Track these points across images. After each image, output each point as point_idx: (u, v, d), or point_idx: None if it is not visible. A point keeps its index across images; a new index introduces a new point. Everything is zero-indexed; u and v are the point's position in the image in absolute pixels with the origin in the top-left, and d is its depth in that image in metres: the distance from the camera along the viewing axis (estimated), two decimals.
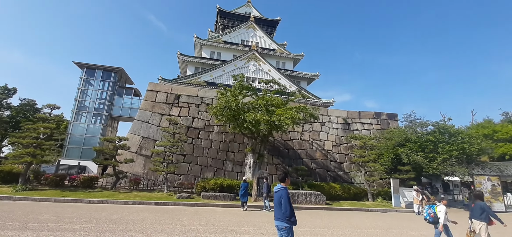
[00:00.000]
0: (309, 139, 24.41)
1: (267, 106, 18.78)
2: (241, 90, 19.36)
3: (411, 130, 22.01)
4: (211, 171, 21.09)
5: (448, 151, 18.72)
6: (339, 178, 22.83)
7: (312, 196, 16.21)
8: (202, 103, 24.20)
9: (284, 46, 45.80)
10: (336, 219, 12.25)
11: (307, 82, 43.41)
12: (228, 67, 37.79)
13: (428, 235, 9.62)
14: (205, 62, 39.65)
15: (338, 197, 18.42)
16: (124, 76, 37.05)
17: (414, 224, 12.11)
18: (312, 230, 9.11)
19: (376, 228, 10.62)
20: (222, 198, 15.59)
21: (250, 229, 8.57)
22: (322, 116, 25.83)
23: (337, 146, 24.76)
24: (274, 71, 38.55)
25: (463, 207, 19.93)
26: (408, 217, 14.81)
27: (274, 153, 22.82)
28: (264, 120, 17.03)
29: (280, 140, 23.55)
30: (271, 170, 21.92)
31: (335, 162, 23.86)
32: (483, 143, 21.20)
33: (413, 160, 19.26)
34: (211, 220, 9.92)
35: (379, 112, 27.34)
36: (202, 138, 22.42)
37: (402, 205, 18.00)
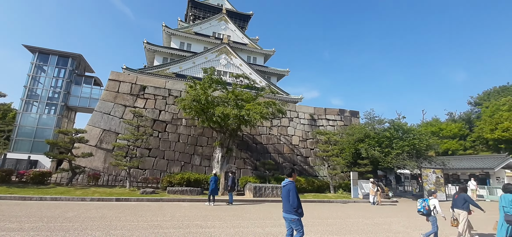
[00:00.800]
0: (277, 134, 25.02)
1: (236, 101, 18.82)
2: (211, 83, 19.12)
3: (370, 127, 23.68)
4: (178, 165, 20.64)
5: (401, 147, 20.52)
6: (305, 171, 23.84)
7: (278, 189, 16.74)
8: (170, 95, 23.43)
9: (255, 41, 45.96)
10: None
11: (277, 78, 44.23)
12: (199, 59, 36.96)
13: (380, 223, 10.51)
14: (174, 53, 38.27)
15: (303, 190, 19.24)
16: (83, 64, 34.32)
17: (369, 214, 13.15)
18: (277, 222, 9.46)
19: (336, 218, 11.36)
20: (188, 193, 15.41)
21: (216, 223, 8.65)
22: (290, 111, 26.59)
23: (304, 141, 25.75)
24: (245, 66, 38.60)
25: (412, 197, 22.13)
26: (365, 207, 16.01)
27: (242, 147, 23.02)
28: (233, 115, 17.08)
29: (249, 134, 23.80)
30: (240, 164, 22.12)
31: (301, 157, 24.82)
32: (431, 140, 23.64)
33: (371, 154, 20.79)
34: (176, 215, 9.80)
35: (343, 109, 28.93)
36: (170, 131, 21.78)
37: (360, 196, 19.42)
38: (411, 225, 10.34)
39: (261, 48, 44.09)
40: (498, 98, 44.36)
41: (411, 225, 10.45)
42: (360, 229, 9.08)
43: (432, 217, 7.87)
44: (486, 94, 50.32)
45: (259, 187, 16.37)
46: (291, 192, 5.21)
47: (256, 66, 41.29)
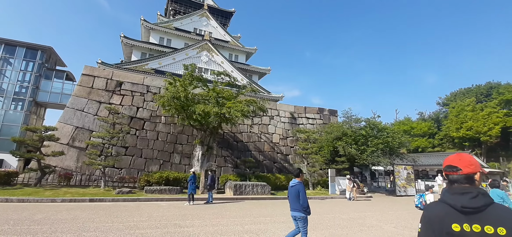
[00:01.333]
0: (258, 132, 25.20)
1: (217, 98, 18.71)
2: (191, 80, 18.84)
3: (347, 125, 24.54)
4: (157, 164, 20.16)
5: (376, 144, 21.49)
6: (285, 169, 24.25)
7: (259, 187, 16.93)
8: (149, 92, 22.77)
9: (237, 39, 45.76)
10: (279, 208, 13.06)
11: (259, 76, 44.38)
12: (179, 56, 36.14)
13: (355, 218, 10.95)
14: (153, 48, 37.14)
15: (282, 187, 19.58)
16: (53, 57, 32.36)
17: (345, 209, 13.64)
18: (256, 219, 9.59)
19: (314, 214, 11.61)
20: (167, 192, 15.13)
21: (195, 222, 8.60)
22: (271, 110, 26.86)
23: (284, 139, 26.15)
24: (226, 63, 38.33)
25: (385, 192, 23.30)
26: (341, 202, 16.61)
27: (223, 145, 22.94)
28: (214, 113, 16.96)
29: (229, 132, 23.75)
30: (220, 162, 22.04)
31: (281, 154, 25.21)
32: (403, 138, 24.98)
33: (348, 152, 21.58)
34: (154, 215, 9.61)
35: (322, 108, 29.70)
36: (148, 129, 21.19)
37: (337, 192, 20.12)
38: (384, 219, 10.86)
39: (243, 46, 44.00)
40: (463, 99, 47.73)
41: (384, 219, 10.99)
42: (336, 224, 9.41)
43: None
44: (453, 95, 53.90)
45: (239, 185, 16.44)
46: (301, 192, 5.55)
47: (238, 64, 41.15)
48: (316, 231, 8.09)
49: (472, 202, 1.55)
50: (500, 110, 41.20)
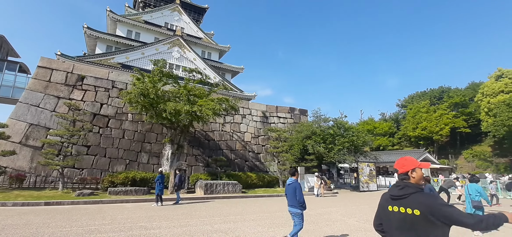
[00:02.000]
0: (230, 130, 25.15)
1: (189, 96, 18.32)
2: (161, 76, 18.20)
3: (317, 124, 25.50)
4: (123, 164, 19.19)
5: (342, 143, 22.64)
6: (256, 167, 24.54)
7: (230, 186, 16.95)
8: (114, 87, 21.54)
9: (210, 36, 45.06)
10: (250, 206, 13.23)
11: (232, 75, 44.19)
12: (148, 51, 34.62)
13: (322, 213, 11.51)
14: (120, 41, 35.13)
15: (254, 185, 19.83)
16: (5, 46, 29.16)
17: (313, 205, 14.14)
18: (227, 218, 9.63)
19: (283, 211, 11.99)
20: (133, 193, 14.51)
21: (162, 223, 8.39)
22: (244, 108, 26.97)
23: (256, 138, 26.43)
24: (199, 61, 37.59)
25: (350, 188, 24.68)
26: (309, 199, 17.13)
27: (194, 144, 22.54)
28: (185, 111, 16.59)
29: (201, 131, 23.40)
30: (191, 161, 21.63)
31: (253, 153, 25.45)
32: (366, 137, 26.57)
33: (317, 150, 22.46)
34: (118, 217, 9.19)
35: (293, 107, 30.51)
36: (113, 127, 20.06)
37: (306, 189, 20.87)
38: (347, 214, 11.56)
39: (216, 44, 43.45)
40: (419, 102, 52.22)
41: (347, 213, 11.69)
42: (304, 220, 9.80)
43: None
44: (410, 97, 58.66)
45: (210, 184, 16.31)
46: (297, 189, 5.99)
47: (210, 62, 40.55)
48: (284, 228, 8.28)
49: (398, 192, 2.28)
50: (450, 112, 45.78)
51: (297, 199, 5.94)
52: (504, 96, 36.59)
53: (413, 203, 2.14)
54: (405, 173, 2.34)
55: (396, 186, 2.36)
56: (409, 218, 2.14)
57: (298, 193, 5.95)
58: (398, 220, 2.22)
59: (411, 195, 2.19)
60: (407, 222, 2.16)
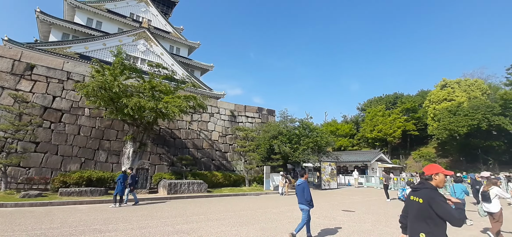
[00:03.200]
0: (197, 129, 24.72)
1: (154, 92, 17.61)
2: (123, 69, 17.20)
3: (283, 125, 26.24)
4: (77, 162, 17.77)
5: (307, 143, 23.60)
6: (223, 166, 24.47)
7: (195, 185, 16.69)
8: (70, 79, 19.83)
9: (180, 31, 43.72)
10: (215, 205, 13.18)
11: (201, 72, 43.42)
12: (111, 41, 32.45)
13: (285, 211, 11.88)
14: (79, 29, 32.43)
15: (220, 185, 19.76)
16: None
17: (277, 203, 14.60)
18: (189, 218, 9.49)
19: (248, 209, 12.19)
20: (89, 194, 13.55)
21: (119, 226, 8.00)
22: (212, 107, 26.69)
23: (223, 137, 26.34)
24: (167, 56, 36.24)
25: (312, 186, 25.82)
26: (274, 198, 17.72)
27: (159, 142, 21.72)
28: (149, 107, 15.91)
29: (167, 128, 22.64)
30: (154, 160, 20.82)
31: (220, 152, 25.33)
32: (330, 138, 28.04)
33: (283, 150, 23.10)
34: (69, 220, 8.54)
35: (261, 107, 30.97)
36: (67, 122, 18.46)
37: (271, 188, 21.39)
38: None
39: (185, 39, 42.27)
40: (376, 106, 56.54)
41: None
42: (267, 218, 10.05)
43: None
44: (369, 102, 63.21)
45: (175, 184, 15.90)
46: (305, 189, 6.81)
47: (179, 58, 39.34)
48: (248, 226, 8.43)
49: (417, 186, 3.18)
50: (402, 116, 50.29)
51: (305, 198, 6.71)
52: (447, 103, 41.30)
53: (422, 194, 2.97)
54: (429, 176, 3.11)
55: (419, 183, 3.23)
56: (418, 205, 2.96)
57: (306, 192, 6.76)
58: (413, 207, 3.05)
59: (424, 189, 3.01)
60: (417, 209, 2.97)
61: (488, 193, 7.75)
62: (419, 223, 2.92)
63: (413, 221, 3.02)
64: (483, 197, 7.86)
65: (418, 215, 2.94)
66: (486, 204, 7.75)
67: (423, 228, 2.87)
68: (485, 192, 7.84)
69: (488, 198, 7.73)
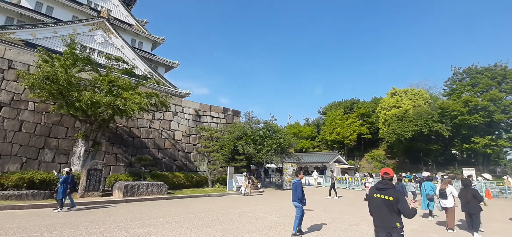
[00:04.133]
0: (159, 128, 23.73)
1: (111, 87, 16.48)
2: (75, 60, 15.79)
3: (248, 126, 26.53)
4: (18, 162, 15.85)
5: (270, 144, 24.19)
6: (185, 167, 23.86)
7: (154, 187, 16.02)
8: (11, 68, 17.61)
9: (143, 24, 41.48)
10: (175, 207, 12.83)
11: (166, 69, 41.71)
12: (64, 30, 29.49)
13: (247, 211, 12.02)
14: (26, 14, 28.94)
15: (181, 186, 19.24)
16: None
17: (239, 204, 14.71)
18: (146, 222, 9.11)
19: (209, 211, 12.08)
20: (30, 198, 12.20)
21: (64, 232, 7.35)
22: (176, 106, 25.87)
23: (187, 137, 25.69)
24: (128, 49, 34.10)
25: (275, 187, 26.55)
26: (237, 198, 17.80)
27: (115, 141, 20.38)
28: (105, 103, 14.85)
29: (125, 127, 21.33)
30: (110, 160, 19.47)
31: (183, 152, 24.65)
32: (292, 139, 29.11)
33: (247, 151, 23.35)
34: (5, 227, 7.60)
35: (226, 108, 30.87)
36: (6, 116, 16.35)
37: (234, 189, 21.48)
38: (270, 211, 12.41)
39: (149, 33, 40.22)
40: (336, 110, 60.16)
41: (270, 210, 12.56)
42: (229, 219, 10.09)
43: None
44: (330, 106, 66.93)
45: (131, 185, 15.06)
46: (298, 188, 7.56)
47: (141, 52, 37.27)
48: (208, 228, 8.36)
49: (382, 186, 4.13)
50: (358, 120, 54.23)
51: (297, 195, 7.50)
52: (396, 110, 45.65)
53: (391, 193, 3.99)
54: (391, 177, 4.32)
55: (381, 183, 4.22)
56: (388, 202, 3.95)
57: (298, 191, 7.53)
58: (383, 204, 3.99)
59: (391, 189, 4.06)
60: (388, 205, 3.95)
61: (445, 191, 9.07)
62: (393, 216, 3.90)
63: (386, 215, 3.94)
64: (441, 194, 9.14)
65: (391, 210, 3.91)
66: (443, 200, 9.06)
67: (396, 219, 3.89)
68: (442, 190, 9.15)
69: (445, 195, 9.00)
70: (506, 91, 36.21)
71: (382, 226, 3.95)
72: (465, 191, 8.49)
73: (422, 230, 9.00)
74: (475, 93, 38.15)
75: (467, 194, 8.34)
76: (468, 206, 8.23)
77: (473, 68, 41.02)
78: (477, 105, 34.90)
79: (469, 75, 40.90)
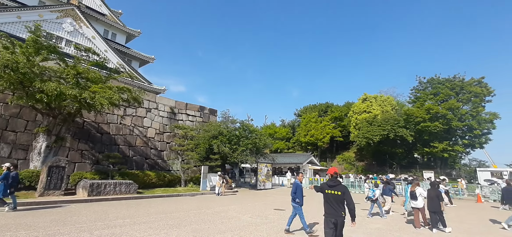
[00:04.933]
0: (130, 124, 22.77)
1: (79, 79, 15.50)
2: (39, 48, 14.64)
3: (224, 125, 26.39)
4: None
5: (246, 144, 24.29)
6: (157, 166, 23.15)
7: (123, 186, 15.34)
8: None
9: (118, 15, 39.48)
10: (144, 207, 12.41)
11: (140, 64, 40.05)
12: (28, 15, 27.14)
13: (219, 211, 12.00)
14: None
15: (152, 185, 18.64)
16: None
17: (212, 204, 14.59)
18: (113, 223, 8.72)
19: (181, 211, 11.84)
20: None
21: (19, 234, 6.78)
22: (150, 102, 25.00)
23: (160, 134, 24.94)
24: (99, 40, 32.20)
25: (249, 187, 26.70)
26: (210, 198, 17.65)
27: (81, 136, 19.21)
28: (71, 95, 13.94)
29: (92, 122, 20.19)
30: (74, 157, 18.33)
31: (155, 150, 23.89)
32: (268, 140, 29.49)
33: (222, 150, 23.23)
34: None
35: (203, 106, 30.44)
36: None
37: (208, 188, 21.26)
38: (243, 211, 12.49)
39: (123, 25, 38.34)
40: (311, 113, 61.94)
41: (243, 210, 12.64)
42: (201, 219, 9.97)
43: (377, 202, 11.85)
44: (305, 108, 68.71)
45: (98, 184, 14.29)
46: (298, 189, 8.11)
47: (114, 44, 35.41)
48: (179, 229, 8.21)
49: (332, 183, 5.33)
50: (331, 123, 56.29)
51: (295, 195, 8.07)
52: (366, 115, 48.08)
53: (340, 189, 5.17)
54: (336, 175, 5.55)
55: (331, 180, 5.38)
56: (338, 196, 5.12)
57: (298, 191, 8.06)
58: (334, 198, 5.13)
59: (340, 185, 5.25)
60: (337, 199, 5.11)
61: (415, 192, 9.96)
62: (341, 207, 5.11)
63: (336, 207, 5.10)
64: (411, 195, 10.07)
65: (339, 202, 5.11)
66: (413, 201, 9.98)
67: (342, 209, 5.11)
68: (412, 191, 10.06)
69: (415, 196, 9.92)
70: (463, 101, 39.64)
71: (331, 214, 5.14)
72: (432, 191, 9.67)
73: (386, 228, 9.63)
74: (436, 102, 41.30)
75: (433, 194, 9.52)
76: (433, 204, 9.36)
77: (435, 79, 44.40)
78: (438, 113, 37.85)
79: (432, 85, 44.19)
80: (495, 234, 9.52)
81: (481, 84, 39.55)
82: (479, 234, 9.49)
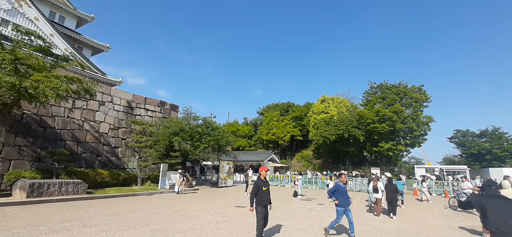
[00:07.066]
0: (80, 118, 20.78)
1: (18, 65, 13.63)
2: None
3: (186, 121, 25.66)
4: None
5: (208, 141, 24.01)
6: (111, 163, 21.57)
7: (70, 186, 14.01)
8: None
9: None
10: (95, 208, 11.57)
11: (93, 52, 36.59)
12: None
13: (179, 210, 11.74)
14: None
15: (105, 184, 17.36)
16: None
17: (171, 203, 14.20)
18: (58, 226, 7.99)
19: (137, 211, 11.30)
20: None
21: None
22: (103, 94, 23.09)
23: (115, 130, 23.25)
24: (44, 22, 28.54)
25: (210, 184, 26.48)
26: (169, 197, 17.12)
27: (20, 130, 16.96)
28: (6, 84, 12.24)
29: (33, 114, 17.96)
30: (11, 153, 16.12)
31: (109, 147, 22.20)
32: (230, 137, 29.52)
33: (183, 147, 22.61)
34: None
35: (163, 101, 29.13)
36: None
37: (167, 187, 20.54)
38: (204, 209, 12.40)
39: (74, 8, 34.52)
40: (273, 112, 63.68)
41: (204, 209, 12.55)
42: (159, 219, 9.67)
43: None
44: (267, 107, 70.32)
45: (39, 184, 12.83)
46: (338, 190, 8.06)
47: (62, 29, 31.71)
48: (135, 230, 7.88)
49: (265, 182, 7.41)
50: (292, 122, 58.57)
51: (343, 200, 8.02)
52: (324, 115, 51.13)
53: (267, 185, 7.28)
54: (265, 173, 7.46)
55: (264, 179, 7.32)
56: (268, 190, 7.17)
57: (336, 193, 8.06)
58: (266, 192, 7.08)
59: (268, 181, 7.46)
60: (268, 192, 7.13)
61: (377, 187, 12.08)
62: (268, 197, 7.14)
63: (267, 198, 7.09)
64: (374, 189, 12.23)
65: (268, 194, 7.14)
66: (375, 194, 12.10)
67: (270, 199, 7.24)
68: (375, 186, 12.20)
69: (377, 190, 12.05)
70: (406, 105, 44.58)
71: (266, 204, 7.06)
72: (389, 185, 12.42)
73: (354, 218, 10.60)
74: (384, 106, 45.72)
75: (391, 187, 12.24)
76: (391, 195, 11.91)
77: (384, 84, 49.09)
78: (385, 116, 41.99)
79: (381, 90, 48.76)
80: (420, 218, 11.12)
81: (421, 91, 44.90)
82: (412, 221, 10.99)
